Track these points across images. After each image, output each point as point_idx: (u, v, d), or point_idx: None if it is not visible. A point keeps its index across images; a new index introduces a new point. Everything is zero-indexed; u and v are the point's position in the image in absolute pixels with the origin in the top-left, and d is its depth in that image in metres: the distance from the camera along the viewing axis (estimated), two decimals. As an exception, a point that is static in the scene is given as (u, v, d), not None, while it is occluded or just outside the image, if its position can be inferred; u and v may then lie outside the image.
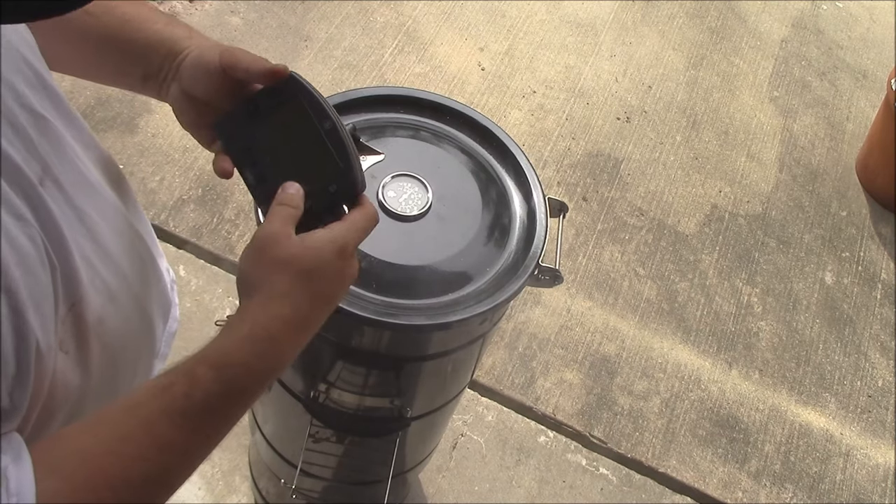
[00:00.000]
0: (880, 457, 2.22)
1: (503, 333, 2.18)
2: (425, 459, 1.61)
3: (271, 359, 0.65)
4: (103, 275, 0.72)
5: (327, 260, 0.66)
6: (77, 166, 0.70)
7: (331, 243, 0.67)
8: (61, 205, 0.65)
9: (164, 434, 0.59)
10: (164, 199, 2.19)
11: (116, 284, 0.74)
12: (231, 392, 0.62)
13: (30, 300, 0.56)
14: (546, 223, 1.08)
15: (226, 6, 2.67)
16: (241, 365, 0.63)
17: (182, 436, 0.61)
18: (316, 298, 0.67)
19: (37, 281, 0.58)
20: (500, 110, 2.65)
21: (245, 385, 0.64)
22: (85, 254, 0.68)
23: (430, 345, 1.09)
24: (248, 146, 0.70)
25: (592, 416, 2.10)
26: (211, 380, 0.61)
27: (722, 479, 2.07)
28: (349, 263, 0.69)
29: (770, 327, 2.39)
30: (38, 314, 0.58)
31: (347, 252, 0.68)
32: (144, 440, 0.59)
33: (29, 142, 0.61)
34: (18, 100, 0.61)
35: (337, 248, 0.67)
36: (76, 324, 0.68)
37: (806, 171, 2.82)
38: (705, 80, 2.98)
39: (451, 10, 2.89)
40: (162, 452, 0.60)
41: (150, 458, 0.59)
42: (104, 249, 0.72)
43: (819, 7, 3.42)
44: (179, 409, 0.60)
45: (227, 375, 0.62)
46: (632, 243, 2.46)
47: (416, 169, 1.06)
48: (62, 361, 0.66)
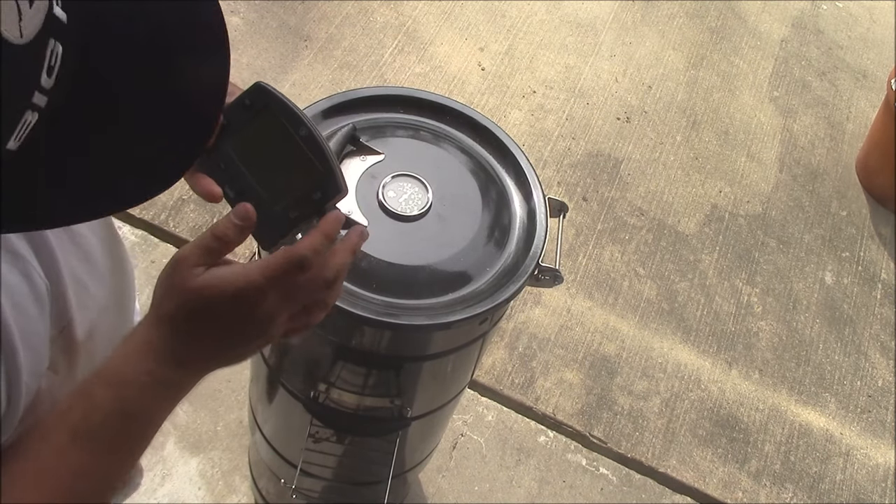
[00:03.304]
0: (880, 457, 2.22)
1: (503, 333, 2.18)
2: (425, 459, 1.61)
3: (159, 375, 0.61)
4: (93, 292, 0.71)
5: (221, 303, 0.60)
6: None
7: (231, 287, 0.60)
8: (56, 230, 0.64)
9: (76, 461, 0.58)
10: (164, 199, 2.19)
11: (105, 299, 0.73)
12: (129, 410, 0.60)
13: (22, 341, 0.56)
14: (546, 223, 1.08)
15: (226, 6, 2.66)
16: (133, 382, 0.60)
17: (93, 459, 0.59)
18: (201, 332, 0.62)
19: (30, 322, 0.58)
20: (500, 110, 2.65)
21: (143, 403, 0.61)
22: (77, 275, 0.67)
23: (430, 345, 1.09)
24: (225, 162, 0.67)
25: (592, 416, 2.10)
26: (108, 399, 0.59)
27: (722, 479, 2.07)
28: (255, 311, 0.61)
29: (770, 327, 2.39)
30: (31, 354, 0.58)
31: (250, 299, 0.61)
32: (60, 470, 0.58)
33: None
34: None
35: (238, 292, 0.60)
36: (67, 345, 0.68)
37: (806, 171, 2.82)
38: (705, 80, 2.98)
39: (451, 10, 2.89)
40: (78, 479, 0.59)
41: (70, 487, 0.58)
42: (94, 266, 0.71)
43: (819, 7, 3.42)
44: (83, 433, 0.58)
45: (122, 394, 0.60)
46: (632, 243, 2.46)
47: (416, 169, 1.06)
48: (51, 381, 0.66)
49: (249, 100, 0.67)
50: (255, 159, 0.68)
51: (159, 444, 1.84)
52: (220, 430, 1.89)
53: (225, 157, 0.68)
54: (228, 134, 0.68)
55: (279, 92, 0.68)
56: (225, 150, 0.68)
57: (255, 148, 0.68)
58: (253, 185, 0.67)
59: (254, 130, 0.67)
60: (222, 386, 1.95)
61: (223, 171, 0.68)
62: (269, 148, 0.68)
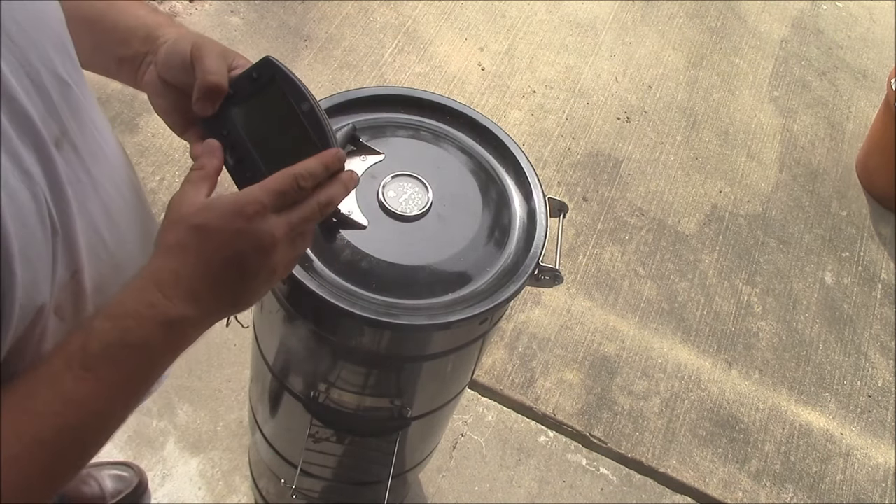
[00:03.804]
0: (880, 457, 2.22)
1: (503, 333, 2.18)
2: (425, 459, 1.61)
3: (162, 308, 0.62)
4: (110, 246, 0.72)
5: (222, 217, 0.63)
6: (95, 136, 0.70)
7: (231, 203, 0.63)
8: (77, 170, 0.65)
9: (68, 388, 0.59)
10: (164, 198, 2.19)
11: (122, 256, 0.75)
12: (128, 341, 0.61)
13: (20, 254, 0.56)
14: (546, 223, 1.08)
15: (226, 6, 2.67)
16: (134, 314, 0.61)
17: (86, 388, 0.59)
18: (206, 254, 0.63)
19: (32, 237, 0.58)
20: (500, 110, 2.65)
21: (142, 335, 0.62)
22: (95, 223, 0.69)
23: (430, 345, 1.09)
24: (228, 129, 0.70)
25: (592, 416, 2.10)
26: (107, 330, 0.60)
27: (722, 479, 2.07)
28: (255, 225, 0.63)
29: (770, 327, 2.39)
30: (29, 270, 0.58)
31: (248, 212, 0.63)
32: (48, 395, 0.58)
33: (50, 102, 0.62)
34: (44, 61, 0.61)
35: (237, 206, 0.63)
36: (76, 291, 0.68)
37: (806, 171, 2.82)
38: (705, 80, 2.98)
39: (451, 10, 2.89)
40: (68, 407, 0.59)
41: (59, 412, 0.58)
42: (114, 221, 0.73)
43: (819, 7, 3.42)
44: (79, 362, 0.59)
45: (122, 325, 0.61)
46: (632, 243, 2.46)
47: (416, 169, 1.06)
48: (56, 327, 0.66)
49: (257, 73, 0.70)
50: (257, 130, 0.70)
51: (159, 444, 1.84)
52: (220, 430, 1.89)
53: (229, 125, 0.70)
54: (234, 103, 0.70)
55: (286, 67, 0.70)
56: (229, 118, 0.70)
57: (258, 119, 0.70)
58: (253, 153, 0.70)
59: (258, 102, 0.70)
60: (222, 386, 1.95)
61: (225, 137, 0.70)
62: (271, 120, 0.70)
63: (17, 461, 0.56)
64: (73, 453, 0.61)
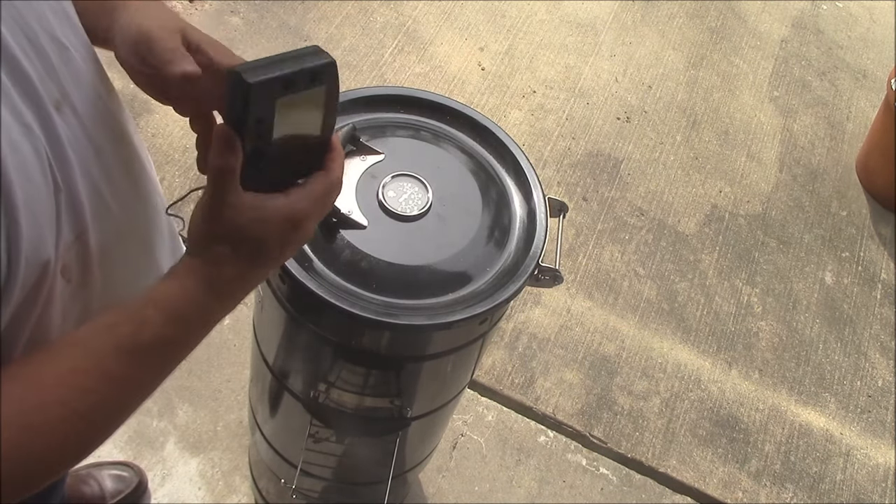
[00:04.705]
0: (880, 457, 2.22)
1: (503, 333, 2.18)
2: (425, 459, 1.61)
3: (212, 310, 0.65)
4: (114, 210, 0.72)
5: (273, 229, 0.65)
6: (96, 101, 0.70)
7: (280, 213, 0.65)
8: (77, 133, 0.66)
9: (112, 369, 0.61)
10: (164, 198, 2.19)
11: (126, 222, 0.75)
12: (178, 336, 0.64)
13: (25, 206, 0.56)
14: (546, 223, 1.08)
15: (226, 6, 2.67)
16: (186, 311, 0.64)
17: (130, 371, 0.62)
18: (256, 263, 0.66)
19: (36, 190, 0.59)
20: (500, 110, 2.65)
21: (191, 329, 0.65)
22: (97, 185, 0.69)
23: (430, 345, 1.09)
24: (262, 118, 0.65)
25: (592, 416, 2.10)
26: (160, 323, 0.62)
27: (722, 479, 2.07)
28: (299, 234, 0.67)
29: (770, 327, 2.39)
30: (34, 224, 0.59)
31: (297, 221, 0.65)
32: (94, 373, 0.60)
33: (49, 66, 0.62)
34: (42, 24, 0.62)
35: (286, 217, 0.65)
36: (81, 253, 0.69)
37: (806, 171, 2.82)
38: (705, 79, 2.98)
39: (451, 10, 2.89)
40: (111, 386, 0.61)
41: (99, 390, 0.61)
42: (116, 186, 0.73)
43: (819, 7, 3.42)
44: (127, 348, 0.61)
45: (174, 318, 0.63)
46: (632, 243, 2.46)
47: (416, 169, 1.06)
48: (62, 289, 0.67)
49: (315, 72, 0.66)
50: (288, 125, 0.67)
51: (159, 444, 1.84)
52: (220, 430, 1.89)
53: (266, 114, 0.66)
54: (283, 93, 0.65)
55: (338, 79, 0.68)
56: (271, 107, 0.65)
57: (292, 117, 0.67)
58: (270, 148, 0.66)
59: (301, 101, 0.67)
60: (222, 386, 1.95)
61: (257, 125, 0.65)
62: (300, 122, 0.68)
63: (63, 423, 0.59)
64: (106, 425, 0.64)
